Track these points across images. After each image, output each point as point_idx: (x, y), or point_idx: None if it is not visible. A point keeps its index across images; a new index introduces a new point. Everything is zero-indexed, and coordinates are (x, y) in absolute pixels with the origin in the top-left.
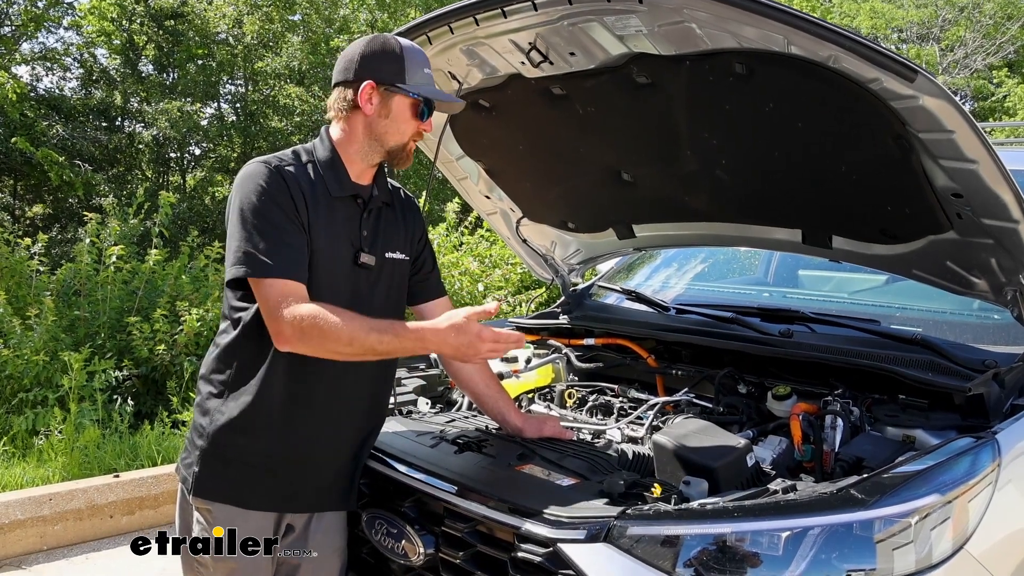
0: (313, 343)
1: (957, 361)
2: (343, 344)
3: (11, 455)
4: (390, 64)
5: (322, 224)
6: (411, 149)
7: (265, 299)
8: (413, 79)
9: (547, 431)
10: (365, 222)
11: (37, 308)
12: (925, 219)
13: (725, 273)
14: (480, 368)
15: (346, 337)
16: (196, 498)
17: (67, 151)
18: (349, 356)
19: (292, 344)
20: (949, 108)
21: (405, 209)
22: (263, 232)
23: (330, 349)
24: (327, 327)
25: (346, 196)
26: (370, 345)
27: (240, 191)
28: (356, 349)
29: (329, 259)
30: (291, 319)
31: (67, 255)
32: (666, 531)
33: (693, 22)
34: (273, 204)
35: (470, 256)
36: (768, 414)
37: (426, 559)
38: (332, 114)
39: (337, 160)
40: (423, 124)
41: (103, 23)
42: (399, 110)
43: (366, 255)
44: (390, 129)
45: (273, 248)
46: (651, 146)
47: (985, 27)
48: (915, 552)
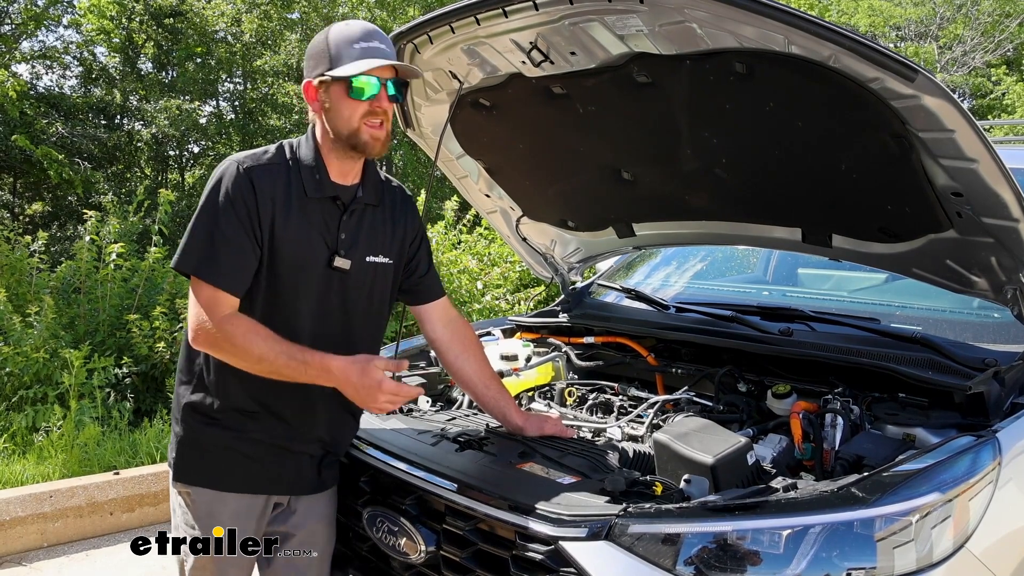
0: (223, 354)
1: (957, 359)
2: (252, 361)
3: (11, 452)
4: (320, 55)
5: (293, 225)
6: (371, 135)
7: (194, 299)
8: (341, 60)
9: (548, 429)
10: (345, 224)
11: (37, 305)
12: (925, 218)
13: (724, 271)
14: (480, 367)
15: (255, 355)
16: (176, 482)
17: (66, 149)
18: (255, 371)
19: (204, 348)
20: (949, 107)
21: (397, 210)
22: (211, 237)
23: (238, 362)
24: (240, 342)
25: (324, 198)
26: (277, 368)
27: (208, 189)
28: (264, 368)
29: (299, 261)
30: (209, 326)
31: (67, 253)
32: (667, 529)
33: (694, 22)
34: (231, 210)
35: (469, 254)
36: (768, 412)
37: (427, 557)
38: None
39: (318, 160)
40: (372, 102)
41: (102, 21)
42: (336, 98)
43: (341, 259)
44: (337, 120)
45: (215, 255)
46: (651, 145)
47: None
48: (916, 550)
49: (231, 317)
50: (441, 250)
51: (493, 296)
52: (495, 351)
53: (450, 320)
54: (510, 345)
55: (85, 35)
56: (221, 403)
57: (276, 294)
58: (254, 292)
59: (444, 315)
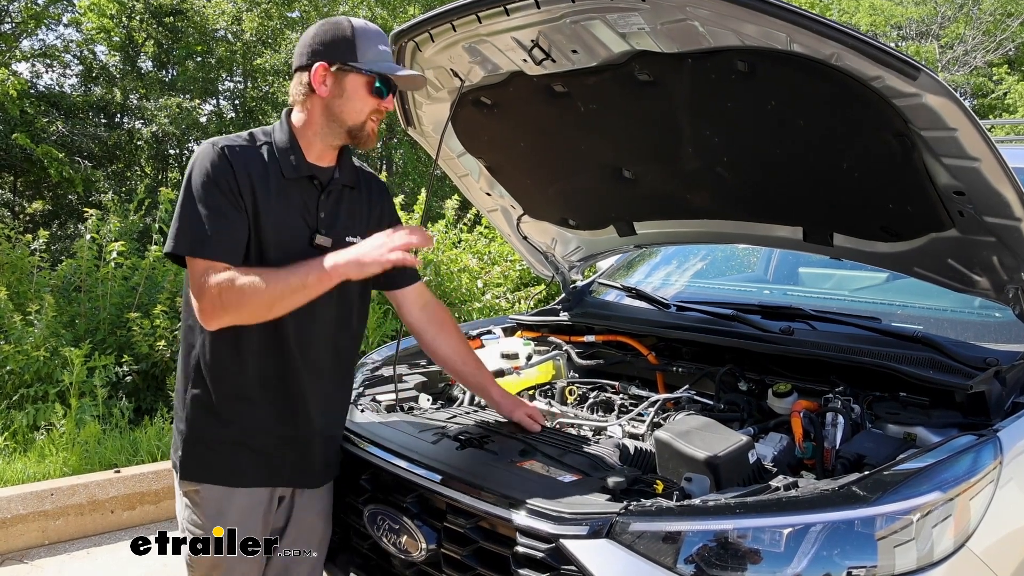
0: (232, 311)
1: (958, 359)
2: (264, 299)
3: (12, 450)
4: (341, 44)
5: (272, 206)
6: (372, 129)
7: (192, 277)
8: (366, 56)
9: (520, 412)
10: (323, 203)
11: (38, 304)
12: (927, 217)
13: (725, 270)
14: (456, 345)
15: (260, 284)
16: (183, 481)
17: (67, 147)
18: (268, 304)
19: (215, 313)
20: (951, 106)
21: (374, 194)
22: (199, 213)
23: (252, 306)
24: (241, 282)
25: (301, 177)
26: (288, 285)
27: (188, 172)
28: (273, 291)
29: (281, 240)
30: (209, 289)
31: (67, 251)
32: (668, 527)
33: (695, 20)
34: (213, 186)
35: (469, 253)
36: (769, 411)
37: (428, 554)
38: (292, 99)
39: (294, 143)
40: (383, 102)
41: (103, 20)
42: (353, 88)
43: (322, 237)
44: (346, 108)
45: (205, 229)
46: (652, 143)
47: (985, 24)
48: (916, 549)
49: (227, 274)
50: (441, 249)
51: (493, 295)
52: (496, 349)
53: (425, 303)
54: (511, 343)
55: (85, 34)
56: (220, 393)
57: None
58: None
59: (420, 299)
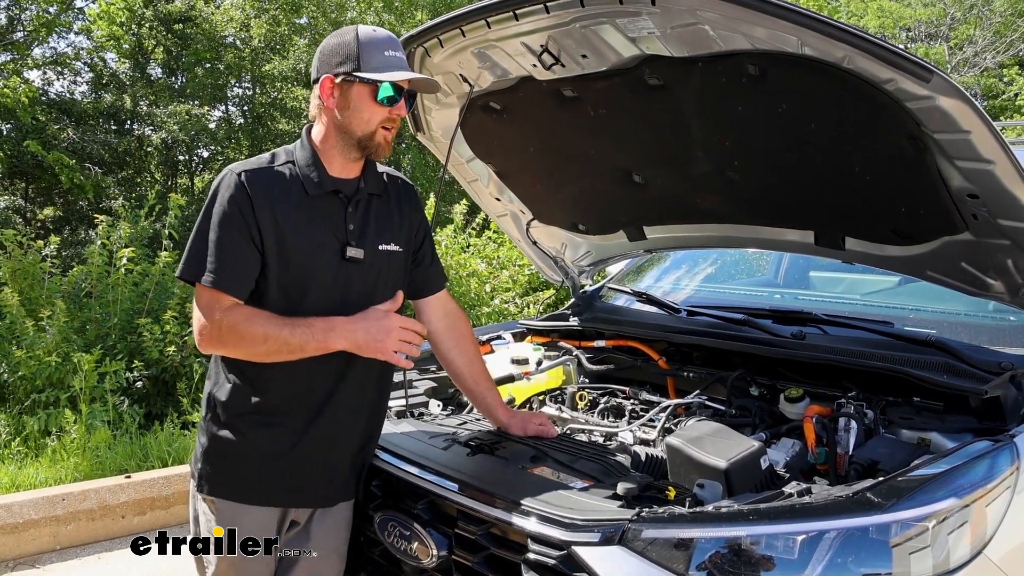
0: (228, 346)
1: (972, 363)
2: (259, 342)
3: (24, 455)
4: (344, 54)
5: (298, 226)
6: (385, 138)
7: (198, 302)
8: (371, 64)
9: (531, 429)
10: (351, 216)
11: (49, 310)
12: (940, 220)
13: (735, 274)
14: (471, 361)
15: (260, 335)
16: (201, 494)
17: (77, 154)
18: (264, 354)
19: (210, 347)
20: (965, 108)
21: (402, 198)
22: (210, 245)
23: (246, 349)
24: (243, 327)
25: (325, 193)
26: (284, 339)
27: (209, 199)
28: (271, 346)
29: (311, 258)
30: (210, 325)
31: (78, 257)
32: (680, 534)
33: (705, 23)
34: (228, 219)
35: (478, 258)
36: (781, 416)
37: (439, 561)
38: (311, 115)
39: (315, 159)
40: (393, 109)
41: (113, 28)
42: (358, 99)
43: (353, 249)
44: (354, 120)
45: (215, 261)
46: (662, 148)
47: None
48: (932, 556)
49: (230, 309)
50: (450, 253)
51: (502, 299)
52: (506, 355)
53: (448, 312)
54: (521, 349)
55: (96, 41)
56: (248, 415)
57: (287, 294)
58: (265, 294)
59: (443, 307)
